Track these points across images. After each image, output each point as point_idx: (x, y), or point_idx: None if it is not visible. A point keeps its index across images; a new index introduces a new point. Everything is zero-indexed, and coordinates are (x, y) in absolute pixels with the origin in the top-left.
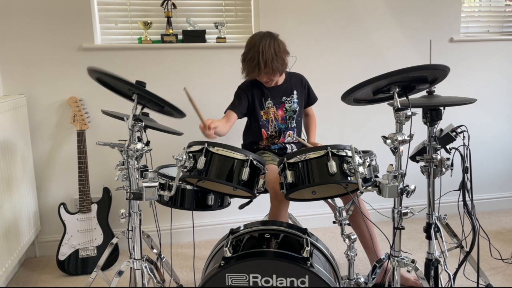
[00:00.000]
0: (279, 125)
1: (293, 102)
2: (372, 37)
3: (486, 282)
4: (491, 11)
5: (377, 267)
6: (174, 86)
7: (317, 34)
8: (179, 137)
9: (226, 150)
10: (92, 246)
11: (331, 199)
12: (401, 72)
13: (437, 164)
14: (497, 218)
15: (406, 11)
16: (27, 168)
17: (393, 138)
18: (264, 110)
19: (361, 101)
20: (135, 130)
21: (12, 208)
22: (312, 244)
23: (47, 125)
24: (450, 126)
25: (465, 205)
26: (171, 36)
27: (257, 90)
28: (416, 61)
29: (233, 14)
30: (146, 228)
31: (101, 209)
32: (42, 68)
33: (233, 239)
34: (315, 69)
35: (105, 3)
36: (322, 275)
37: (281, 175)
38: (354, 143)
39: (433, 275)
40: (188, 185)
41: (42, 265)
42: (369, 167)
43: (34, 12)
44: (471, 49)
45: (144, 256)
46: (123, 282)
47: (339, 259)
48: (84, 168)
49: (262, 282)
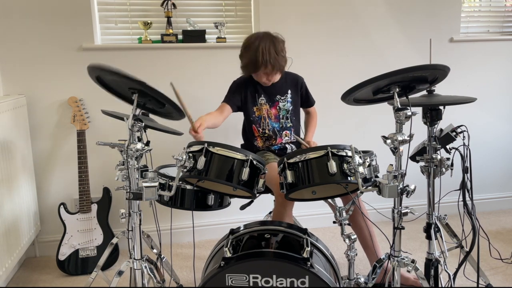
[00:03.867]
0: (273, 124)
1: (286, 101)
2: (372, 37)
3: (486, 282)
4: (491, 11)
5: (377, 267)
6: (174, 85)
7: (317, 34)
8: (179, 137)
9: (226, 150)
10: (92, 246)
11: (331, 199)
12: (401, 72)
13: (437, 164)
14: (497, 218)
15: (406, 11)
16: (27, 168)
17: (393, 138)
18: (257, 106)
19: (361, 101)
20: (135, 130)
21: (12, 208)
22: (312, 244)
23: (47, 125)
24: (450, 126)
25: (465, 205)
26: (171, 36)
27: (251, 86)
28: (416, 61)
29: (233, 14)
30: (146, 228)
31: (101, 209)
32: (42, 68)
33: (233, 239)
34: (315, 69)
35: (105, 3)
36: (322, 276)
37: (281, 175)
38: (354, 143)
39: (433, 275)
40: (188, 185)
41: (42, 265)
42: (369, 167)
43: (34, 12)
44: (471, 49)
45: (144, 256)
46: (123, 282)
47: (339, 259)
48: (84, 168)
49: (262, 282)
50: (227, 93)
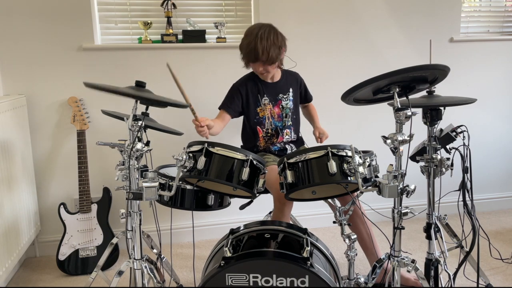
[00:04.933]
0: (276, 123)
1: (289, 99)
2: (372, 37)
3: (486, 282)
4: (491, 11)
5: (377, 267)
6: (174, 86)
7: (317, 34)
8: (179, 137)
9: (226, 150)
10: (92, 246)
11: (331, 199)
12: (401, 72)
13: (437, 164)
14: (497, 218)
15: (406, 11)
16: (27, 168)
17: (393, 138)
18: (260, 107)
19: (361, 101)
20: (135, 130)
21: (12, 208)
22: (312, 244)
23: (47, 125)
24: (450, 126)
25: (465, 205)
26: (171, 36)
27: (253, 87)
28: (416, 61)
29: (233, 14)
30: (146, 228)
31: (101, 209)
32: (42, 68)
33: (233, 239)
34: (315, 69)
35: (105, 3)
36: (322, 275)
37: (281, 175)
38: (354, 143)
39: (433, 275)
40: (188, 185)
41: (42, 265)
42: (369, 167)
43: (34, 12)
44: (471, 49)
45: (144, 256)
46: (123, 282)
47: (339, 259)
48: (84, 168)
49: (262, 282)
50: (226, 99)
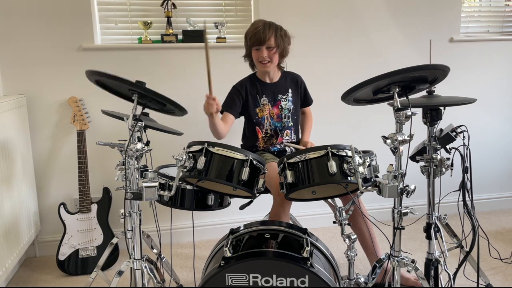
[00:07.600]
0: (275, 123)
1: (288, 100)
2: (372, 37)
3: (486, 282)
4: (491, 11)
5: (377, 267)
6: (174, 86)
7: (317, 34)
8: (179, 137)
9: (226, 150)
10: (92, 246)
11: (331, 199)
12: (401, 72)
13: (437, 164)
14: (497, 218)
15: (406, 11)
16: (27, 168)
17: (393, 138)
18: (260, 107)
19: (361, 101)
20: (135, 130)
21: (12, 208)
22: (312, 244)
23: (47, 125)
24: (450, 126)
25: (465, 205)
26: (171, 36)
27: (252, 87)
28: (416, 61)
29: (233, 14)
30: (146, 228)
31: (101, 209)
32: (42, 68)
33: (233, 239)
34: (315, 69)
35: (105, 3)
36: (322, 275)
37: (281, 175)
38: (354, 143)
39: (433, 275)
40: (188, 185)
41: (42, 265)
42: (369, 167)
43: (34, 12)
44: (471, 49)
45: (144, 256)
46: (123, 282)
47: (339, 259)
48: (84, 168)
49: (262, 282)
50: (227, 101)
